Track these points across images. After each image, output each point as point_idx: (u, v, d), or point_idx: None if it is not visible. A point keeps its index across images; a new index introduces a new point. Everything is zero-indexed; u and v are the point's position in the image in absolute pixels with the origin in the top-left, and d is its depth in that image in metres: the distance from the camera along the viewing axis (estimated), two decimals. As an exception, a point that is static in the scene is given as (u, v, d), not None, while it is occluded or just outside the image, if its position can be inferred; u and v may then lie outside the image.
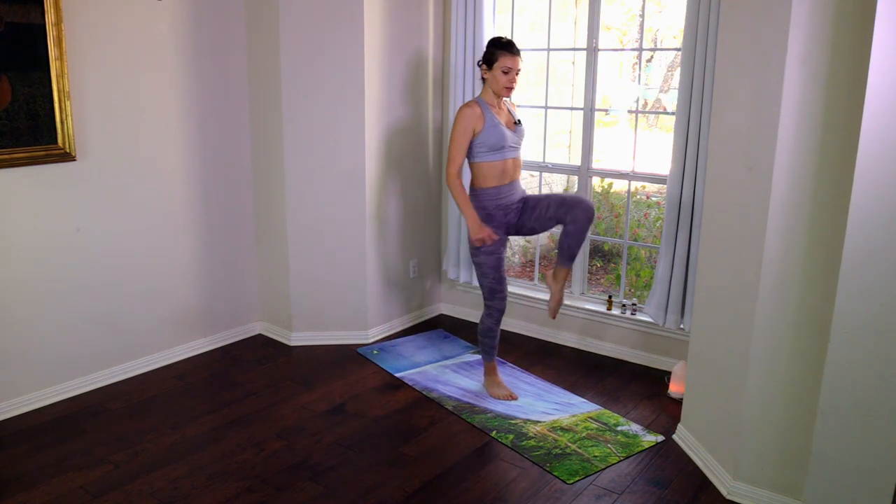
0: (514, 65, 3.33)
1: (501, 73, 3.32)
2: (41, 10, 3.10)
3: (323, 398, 3.53)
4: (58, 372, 3.44)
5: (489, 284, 3.47)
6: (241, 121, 4.06)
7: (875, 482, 2.36)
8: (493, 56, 3.34)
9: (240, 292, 4.23)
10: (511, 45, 3.35)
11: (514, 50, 3.33)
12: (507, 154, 3.38)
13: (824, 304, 2.41)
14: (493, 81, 3.35)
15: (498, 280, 3.46)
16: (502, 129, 3.34)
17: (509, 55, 3.31)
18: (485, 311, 3.52)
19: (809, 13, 2.32)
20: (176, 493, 2.75)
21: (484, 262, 3.44)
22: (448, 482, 2.86)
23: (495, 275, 3.46)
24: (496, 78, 3.34)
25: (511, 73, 3.33)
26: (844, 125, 2.30)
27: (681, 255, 3.57)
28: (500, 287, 3.47)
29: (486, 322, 3.52)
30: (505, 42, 3.35)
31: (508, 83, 3.34)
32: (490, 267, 3.44)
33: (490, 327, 3.52)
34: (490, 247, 3.41)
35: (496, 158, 3.36)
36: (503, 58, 3.31)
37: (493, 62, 3.33)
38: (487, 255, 3.42)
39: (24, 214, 3.23)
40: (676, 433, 3.21)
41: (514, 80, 3.35)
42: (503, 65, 3.31)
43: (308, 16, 3.80)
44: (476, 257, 3.46)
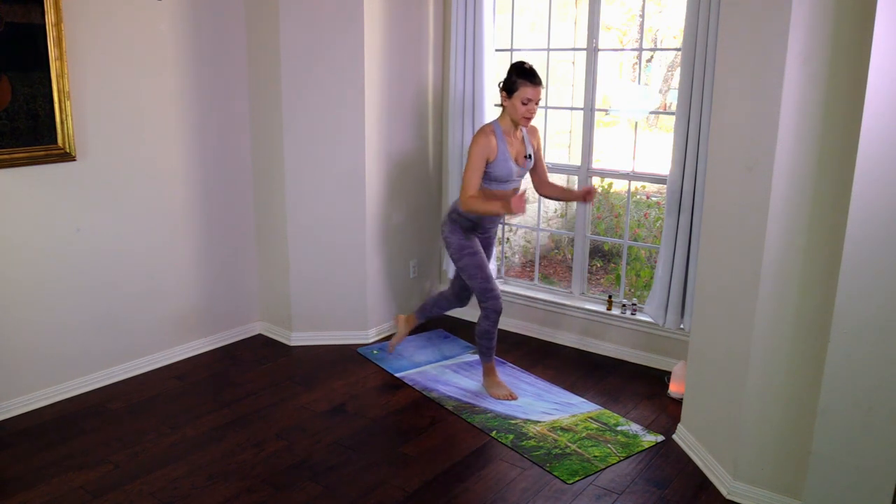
0: (535, 96, 3.25)
1: (521, 103, 3.26)
2: (41, 10, 3.10)
3: (323, 398, 3.53)
4: (58, 372, 3.44)
5: (479, 285, 3.48)
6: (241, 121, 4.06)
7: (875, 482, 2.36)
8: (514, 85, 3.26)
9: (240, 292, 4.23)
10: (534, 74, 3.25)
11: (536, 80, 3.25)
12: (510, 185, 3.44)
13: (824, 304, 2.41)
14: (511, 110, 3.30)
15: (486, 279, 3.48)
16: (510, 164, 3.36)
17: (531, 86, 3.23)
18: (481, 314, 3.52)
19: (809, 13, 2.32)
20: (176, 493, 2.75)
21: (467, 264, 3.49)
22: (448, 482, 2.86)
23: (482, 274, 3.49)
24: (515, 107, 3.28)
25: (531, 104, 3.26)
26: (844, 125, 2.30)
27: (681, 255, 3.57)
28: (490, 286, 3.48)
29: (483, 325, 3.52)
30: (528, 70, 3.26)
31: (527, 113, 3.28)
32: (476, 267, 3.49)
33: (487, 329, 3.52)
34: (472, 248, 3.50)
35: (497, 188, 3.41)
36: (524, 87, 3.23)
37: (514, 91, 3.26)
38: (471, 257, 3.49)
39: (24, 214, 3.23)
40: (676, 433, 3.21)
41: (533, 111, 3.29)
42: (523, 95, 3.24)
43: (308, 16, 3.80)
44: (460, 261, 3.51)
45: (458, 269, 3.54)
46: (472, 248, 3.49)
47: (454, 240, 3.52)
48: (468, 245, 3.51)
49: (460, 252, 3.50)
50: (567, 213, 6.55)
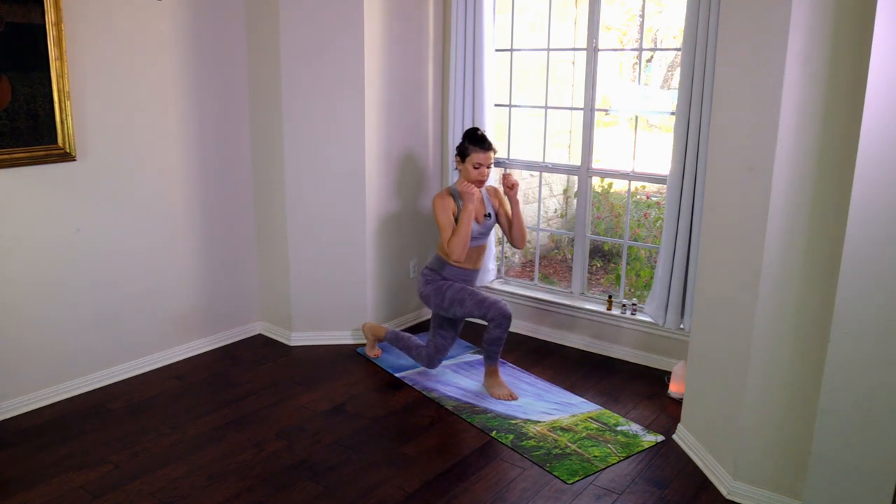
0: (485, 161, 3.49)
1: (473, 167, 3.49)
2: (41, 10, 3.10)
3: (323, 398, 3.53)
4: (58, 372, 3.44)
5: (472, 301, 3.50)
6: (242, 121, 4.06)
7: (875, 482, 2.36)
8: (466, 150, 3.51)
9: (240, 292, 4.23)
10: (484, 140, 3.50)
11: (486, 146, 3.49)
12: (472, 243, 3.58)
13: (824, 304, 2.41)
14: (465, 173, 3.55)
15: (474, 293, 3.53)
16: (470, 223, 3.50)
17: (481, 151, 3.48)
18: (491, 325, 3.47)
19: (809, 13, 2.32)
20: (176, 493, 2.75)
21: (452, 298, 3.55)
22: (448, 482, 2.86)
23: (467, 292, 3.53)
24: (468, 171, 3.53)
25: (482, 168, 3.48)
26: (844, 125, 2.31)
27: (681, 255, 3.57)
28: (483, 296, 3.49)
29: (495, 332, 3.47)
30: (479, 137, 3.51)
31: (479, 176, 3.51)
32: (457, 291, 3.55)
33: (499, 336, 3.48)
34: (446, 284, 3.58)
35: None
36: (475, 153, 3.48)
37: (466, 156, 3.50)
38: (451, 290, 3.57)
39: (24, 214, 3.23)
40: (676, 433, 3.21)
41: (484, 174, 3.52)
42: (475, 160, 3.49)
43: (308, 16, 3.80)
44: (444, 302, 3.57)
45: (447, 307, 3.56)
46: (447, 283, 3.60)
47: (429, 289, 3.62)
48: (442, 283, 3.60)
49: (439, 293, 3.58)
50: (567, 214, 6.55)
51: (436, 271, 3.64)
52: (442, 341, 3.72)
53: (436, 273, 3.64)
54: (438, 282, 3.62)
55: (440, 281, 3.62)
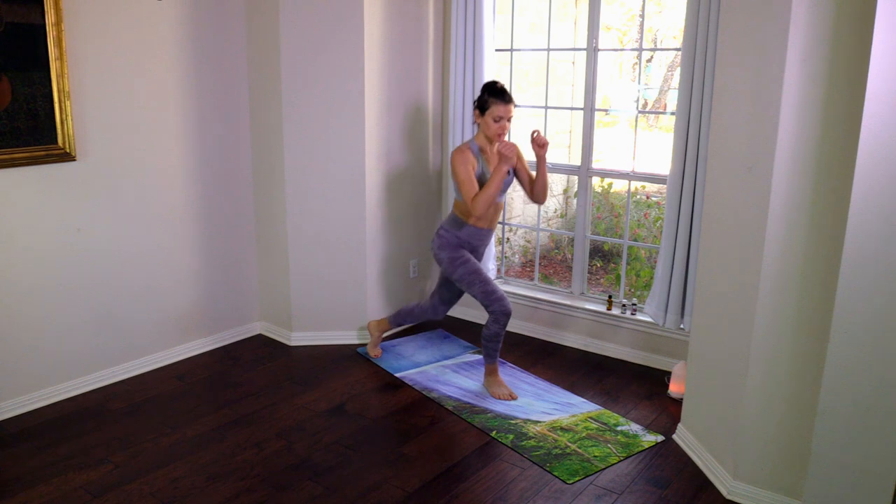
0: (506, 113, 3.39)
1: (493, 120, 3.39)
2: (41, 10, 3.10)
3: (323, 398, 3.53)
4: (58, 372, 3.44)
5: (480, 289, 3.48)
6: (242, 121, 4.06)
7: (875, 482, 2.36)
8: (485, 103, 3.41)
9: (240, 292, 4.23)
10: (504, 93, 3.40)
11: (506, 98, 3.39)
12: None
13: (824, 304, 2.41)
14: (485, 127, 3.44)
15: (485, 282, 3.49)
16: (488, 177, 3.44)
17: (502, 104, 3.37)
18: (490, 318, 3.49)
19: (809, 13, 2.32)
20: (176, 493, 2.75)
21: (463, 273, 3.51)
22: (448, 482, 2.86)
23: (480, 278, 3.50)
24: (488, 124, 3.42)
25: (502, 121, 3.39)
26: (844, 125, 2.31)
27: (681, 255, 3.57)
28: (492, 288, 3.48)
29: (493, 328, 3.49)
30: (499, 89, 3.40)
31: (500, 130, 3.42)
32: (471, 273, 3.51)
33: (496, 333, 3.49)
34: (463, 258, 3.53)
35: None
36: (495, 106, 3.38)
37: (486, 109, 3.40)
38: (464, 264, 3.52)
39: (24, 214, 3.23)
40: (676, 433, 3.21)
41: (505, 128, 3.43)
42: (495, 113, 3.38)
43: (308, 16, 3.80)
44: (455, 273, 3.54)
45: (456, 281, 3.56)
46: (463, 258, 3.54)
47: (444, 255, 3.58)
48: (458, 255, 3.55)
49: (453, 264, 3.54)
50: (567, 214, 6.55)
51: (452, 232, 3.56)
52: (448, 295, 3.75)
53: (452, 234, 3.55)
54: (454, 251, 3.54)
55: (456, 250, 3.54)
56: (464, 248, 3.59)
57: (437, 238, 3.62)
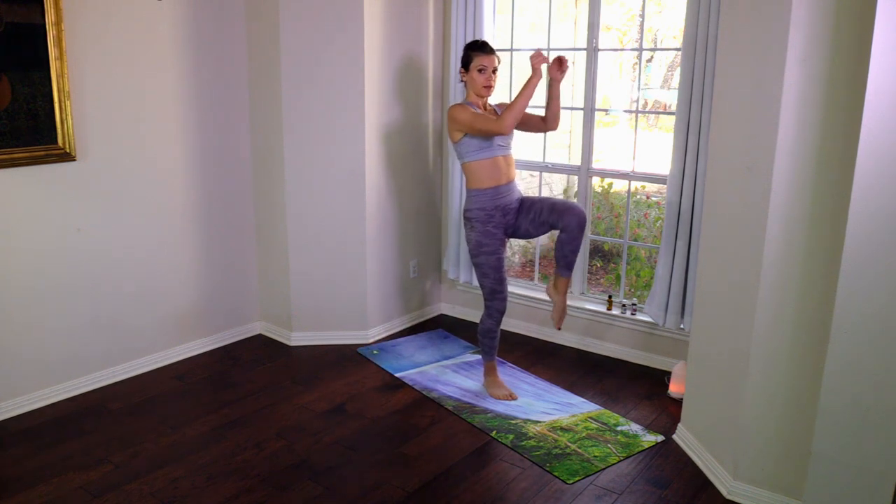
0: (490, 63, 3.41)
1: (477, 72, 3.42)
2: (41, 10, 3.10)
3: (323, 398, 3.53)
4: (58, 372, 3.44)
5: (490, 285, 3.47)
6: (242, 121, 4.06)
7: (875, 482, 2.36)
8: (468, 58, 3.45)
9: (240, 292, 4.23)
10: (485, 45, 3.46)
11: (487, 49, 3.43)
12: (497, 151, 3.42)
13: (824, 304, 2.41)
14: (471, 83, 3.46)
15: (499, 281, 3.46)
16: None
17: (483, 54, 3.41)
18: (485, 312, 3.52)
19: (809, 13, 2.32)
20: (176, 493, 2.75)
21: (484, 262, 3.44)
22: (448, 482, 2.86)
23: (496, 275, 3.46)
24: (473, 79, 3.44)
25: (487, 71, 3.41)
26: (844, 125, 2.30)
27: (681, 255, 3.57)
28: (501, 287, 3.47)
29: (487, 322, 3.52)
30: (479, 43, 3.46)
31: (486, 82, 3.42)
32: (490, 267, 3.45)
33: (490, 328, 3.52)
34: (490, 247, 3.42)
35: (486, 156, 3.39)
36: (477, 57, 3.42)
37: (469, 63, 3.43)
38: (488, 256, 3.43)
39: (24, 214, 3.23)
40: (676, 433, 3.21)
41: (491, 79, 3.43)
42: (478, 64, 3.41)
43: (308, 16, 3.80)
44: (476, 258, 3.47)
45: (475, 265, 3.50)
46: (489, 248, 3.42)
47: (473, 236, 3.45)
48: (486, 243, 3.42)
49: (478, 248, 3.44)
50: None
51: (476, 208, 3.41)
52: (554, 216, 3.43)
53: (477, 210, 3.41)
54: (485, 236, 3.40)
55: (487, 234, 3.40)
56: (494, 220, 3.41)
57: (466, 222, 3.48)
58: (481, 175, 3.40)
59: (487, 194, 3.41)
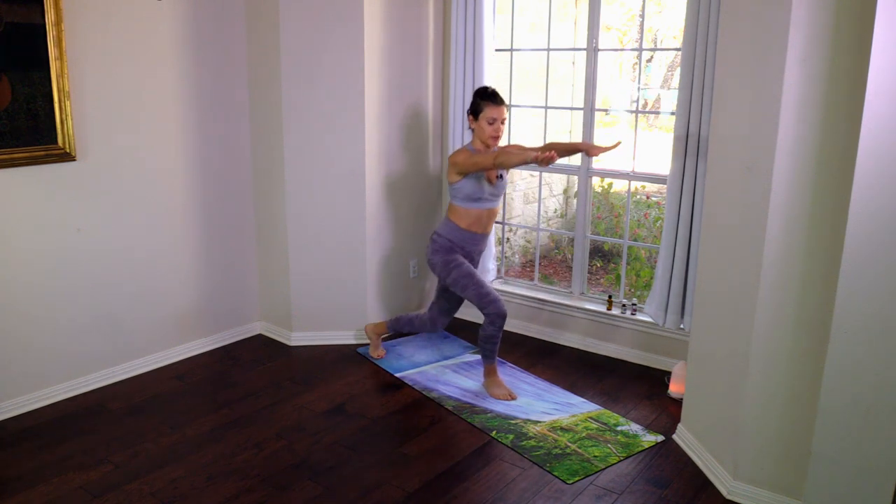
0: (499, 115, 3.48)
1: (487, 123, 3.49)
2: (41, 10, 3.10)
3: (323, 398, 3.53)
4: (58, 372, 3.44)
5: (474, 292, 3.49)
6: (241, 121, 4.06)
7: (875, 482, 2.36)
8: (478, 106, 3.51)
9: (240, 292, 4.23)
10: (495, 95, 3.50)
11: (498, 100, 3.49)
12: (484, 204, 3.58)
13: (824, 304, 2.41)
14: (479, 131, 3.53)
15: (479, 285, 3.50)
16: (482, 181, 3.52)
17: (494, 106, 3.47)
18: (486, 320, 3.49)
19: (809, 13, 2.32)
20: (176, 493, 2.75)
21: (456, 276, 3.54)
22: (448, 482, 2.86)
23: (473, 281, 3.52)
24: (482, 128, 3.51)
25: (496, 122, 3.48)
26: (844, 125, 2.30)
27: (681, 255, 3.57)
28: (486, 290, 3.48)
29: (489, 329, 3.49)
30: (490, 93, 3.51)
31: (494, 132, 3.50)
32: (464, 276, 3.53)
33: (493, 334, 3.50)
34: (457, 261, 3.56)
35: (472, 206, 3.56)
36: (488, 108, 3.47)
37: (479, 112, 3.50)
38: (458, 267, 3.55)
39: (24, 214, 3.23)
40: (676, 433, 3.21)
41: (499, 130, 3.51)
42: (488, 115, 3.48)
43: (308, 16, 3.80)
44: (449, 276, 3.57)
45: (450, 285, 3.58)
46: (457, 261, 3.57)
47: (438, 259, 3.60)
48: (452, 259, 3.57)
49: (447, 268, 3.57)
50: (567, 214, 6.56)
51: (445, 237, 3.60)
52: (447, 305, 3.76)
53: (445, 239, 3.59)
54: (448, 254, 3.58)
55: (450, 253, 3.58)
56: (457, 252, 3.61)
57: (431, 243, 3.66)
58: (463, 218, 3.58)
59: (462, 233, 3.59)
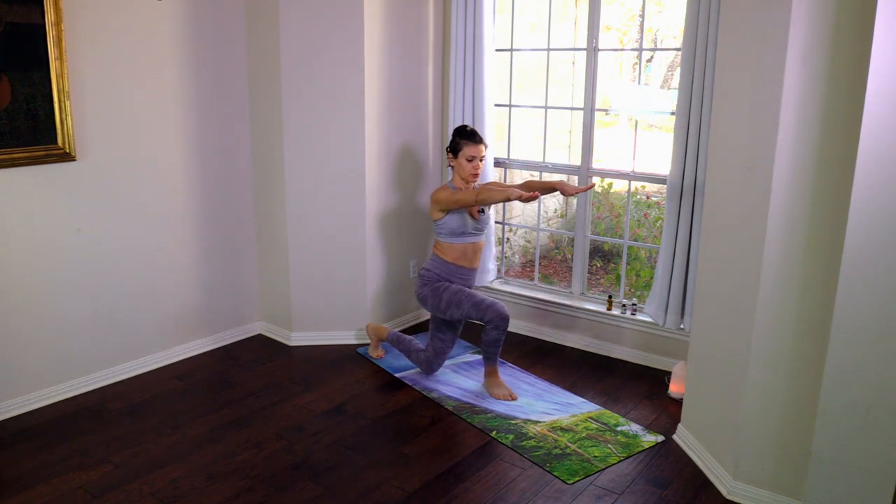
0: (478, 153, 3.54)
1: (466, 160, 3.55)
2: (41, 10, 3.10)
3: (323, 398, 3.53)
4: (58, 372, 3.44)
5: (469, 303, 3.48)
6: (242, 121, 4.06)
7: (875, 482, 2.36)
8: (457, 145, 3.57)
9: (240, 292, 4.23)
10: (474, 134, 3.57)
11: (476, 139, 3.55)
12: (468, 239, 3.61)
13: (824, 304, 2.41)
14: (459, 168, 3.59)
15: (472, 295, 3.51)
16: (465, 217, 3.56)
17: (473, 144, 3.54)
18: (488, 326, 3.47)
19: (809, 13, 2.32)
20: (176, 493, 2.75)
21: (449, 299, 3.54)
22: (448, 482, 2.86)
23: (464, 294, 3.52)
24: (462, 166, 3.57)
25: (475, 160, 3.54)
26: (844, 125, 2.31)
27: (681, 255, 3.57)
28: (480, 298, 3.48)
29: (493, 334, 3.47)
30: (469, 132, 3.57)
31: (473, 170, 3.57)
32: (454, 293, 3.54)
33: (497, 338, 3.48)
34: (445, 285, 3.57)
35: (456, 242, 3.59)
36: (467, 147, 3.54)
37: (458, 151, 3.55)
38: (447, 292, 3.56)
39: (24, 214, 3.23)
40: (676, 433, 3.21)
41: (478, 167, 3.57)
42: (467, 153, 3.55)
43: (308, 16, 3.80)
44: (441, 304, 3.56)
45: (444, 308, 3.55)
46: (444, 285, 3.60)
47: (426, 290, 3.62)
48: (440, 285, 3.60)
49: (436, 294, 3.58)
50: (567, 214, 6.56)
51: (433, 272, 3.63)
52: (441, 345, 3.71)
53: (433, 273, 3.63)
54: (436, 283, 3.61)
55: (437, 282, 3.61)
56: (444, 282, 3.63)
57: (420, 279, 3.68)
58: (448, 253, 3.61)
59: (449, 267, 3.61)
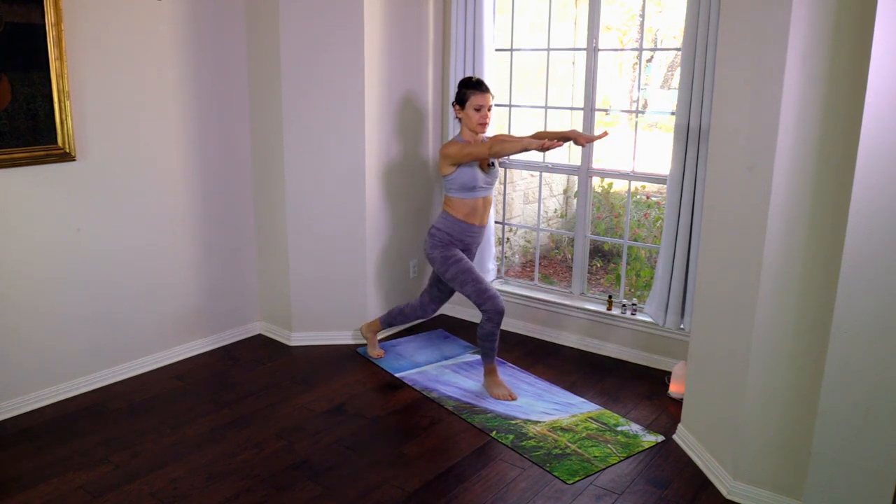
0: (485, 102, 3.52)
1: (473, 110, 3.52)
2: (41, 10, 3.10)
3: (323, 398, 3.53)
4: (58, 372, 3.44)
5: (472, 288, 3.51)
6: (242, 121, 4.06)
7: (875, 482, 2.36)
8: (464, 96, 3.55)
9: (240, 292, 4.23)
10: (480, 83, 3.55)
11: (483, 88, 3.53)
12: (479, 193, 3.59)
13: (824, 304, 2.41)
14: (467, 119, 3.56)
15: (477, 280, 3.52)
16: (475, 170, 3.54)
17: (479, 93, 3.52)
18: (483, 317, 3.51)
19: (809, 13, 2.32)
20: (176, 493, 2.75)
21: (455, 272, 3.55)
22: (448, 482, 2.86)
23: (472, 277, 3.53)
24: (469, 116, 3.54)
25: (483, 109, 3.52)
26: (844, 125, 2.31)
27: (681, 255, 3.57)
28: (484, 286, 3.49)
29: (487, 326, 3.51)
30: (475, 81, 3.55)
31: (481, 119, 3.53)
32: (463, 272, 3.54)
33: (490, 331, 3.51)
34: (456, 256, 3.57)
35: (467, 196, 3.57)
36: (474, 96, 3.51)
37: (465, 101, 3.53)
38: (456, 265, 3.55)
39: (24, 214, 3.23)
40: (676, 433, 3.21)
41: (486, 117, 3.54)
42: (475, 103, 3.51)
43: (308, 16, 3.80)
44: (448, 271, 3.57)
45: (448, 280, 3.59)
46: (455, 256, 3.58)
47: (437, 254, 3.61)
48: (451, 255, 3.59)
49: (445, 263, 3.58)
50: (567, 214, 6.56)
51: (444, 230, 3.60)
52: (438, 293, 3.81)
53: (444, 233, 3.59)
54: (447, 249, 3.58)
55: (449, 248, 3.59)
56: (456, 246, 3.61)
57: (429, 238, 3.65)
58: (459, 208, 3.58)
59: (460, 225, 3.59)
